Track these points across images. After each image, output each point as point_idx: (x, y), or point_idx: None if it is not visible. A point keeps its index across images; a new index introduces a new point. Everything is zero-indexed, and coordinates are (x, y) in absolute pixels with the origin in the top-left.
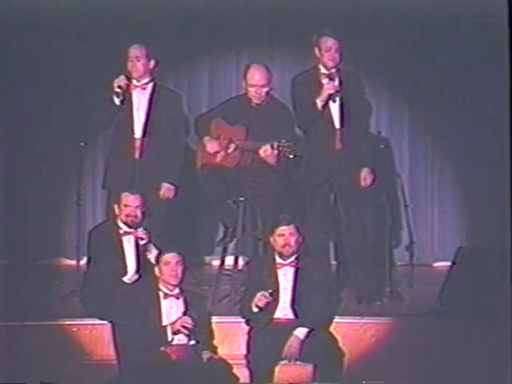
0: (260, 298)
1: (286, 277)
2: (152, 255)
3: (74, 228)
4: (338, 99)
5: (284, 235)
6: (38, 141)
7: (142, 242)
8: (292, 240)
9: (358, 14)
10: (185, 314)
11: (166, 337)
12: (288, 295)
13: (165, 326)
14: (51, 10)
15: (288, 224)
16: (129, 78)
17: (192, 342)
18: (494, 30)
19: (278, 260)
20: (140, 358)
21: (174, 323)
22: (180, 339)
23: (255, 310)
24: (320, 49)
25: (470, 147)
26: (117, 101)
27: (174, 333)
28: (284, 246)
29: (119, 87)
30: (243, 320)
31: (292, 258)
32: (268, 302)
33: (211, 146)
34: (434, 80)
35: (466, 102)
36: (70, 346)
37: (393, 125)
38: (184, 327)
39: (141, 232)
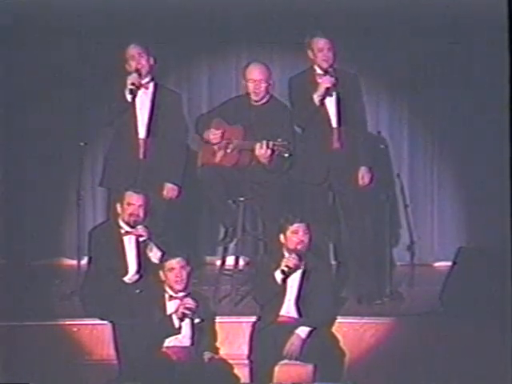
0: (289, 259)
1: (293, 275)
2: (152, 254)
3: (74, 228)
4: (334, 94)
5: (298, 232)
6: (38, 140)
7: (141, 239)
8: (306, 237)
9: (357, 13)
10: (186, 296)
11: (173, 324)
12: (293, 293)
13: (170, 315)
14: (51, 9)
15: (301, 222)
16: (139, 75)
17: (197, 321)
18: (494, 30)
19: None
20: (140, 359)
21: (177, 310)
22: (182, 341)
23: (286, 269)
24: (313, 50)
25: (469, 147)
26: (129, 97)
27: (180, 319)
28: (299, 243)
29: (132, 84)
30: (244, 319)
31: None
32: (296, 264)
33: (213, 134)
34: (433, 80)
35: (465, 102)
36: (70, 346)
37: (393, 125)
38: (187, 309)
39: (140, 229)
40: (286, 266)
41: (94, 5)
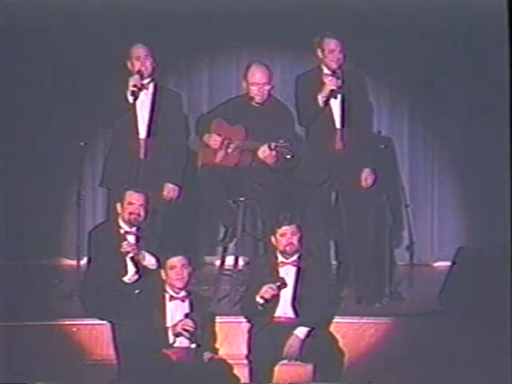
0: (267, 290)
1: (287, 275)
2: (147, 262)
3: (74, 228)
4: (339, 96)
5: (286, 235)
6: (38, 141)
7: (129, 256)
8: (294, 239)
9: (358, 14)
10: (187, 316)
11: (167, 339)
12: (289, 294)
13: (166, 328)
14: (51, 9)
15: (289, 224)
16: (141, 77)
17: (193, 346)
18: (494, 29)
19: (281, 258)
20: (140, 359)
21: (175, 326)
22: (182, 342)
23: (261, 301)
24: (323, 50)
25: (469, 147)
26: (131, 99)
27: (176, 335)
28: (287, 245)
29: (134, 86)
30: (243, 319)
31: (294, 257)
32: (274, 295)
33: (213, 140)
34: (434, 80)
35: (466, 102)
36: (70, 346)
37: (393, 125)
38: (185, 330)
39: (126, 245)
40: (262, 297)
41: (94, 4)
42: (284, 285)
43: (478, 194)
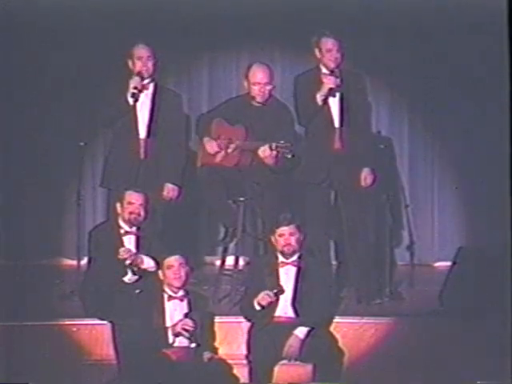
0: (264, 297)
1: (287, 275)
2: (145, 265)
3: (74, 228)
4: (337, 95)
5: (284, 235)
6: (37, 141)
7: (127, 263)
8: (292, 240)
9: (358, 14)
10: (186, 315)
11: (167, 339)
12: (289, 294)
13: (166, 328)
14: (51, 9)
15: (288, 224)
16: (142, 78)
17: (193, 345)
18: (494, 29)
19: (281, 259)
20: (140, 359)
21: (175, 325)
22: (181, 342)
23: (258, 308)
24: (320, 50)
25: (469, 147)
26: (131, 101)
27: (175, 335)
28: (285, 246)
29: (135, 88)
30: (243, 319)
31: (294, 257)
32: (271, 302)
33: (210, 146)
34: (434, 80)
35: (465, 102)
36: (70, 346)
37: (393, 125)
38: (185, 330)
39: (122, 252)
40: (258, 304)
41: (96, 4)
42: (281, 292)
43: (478, 194)
